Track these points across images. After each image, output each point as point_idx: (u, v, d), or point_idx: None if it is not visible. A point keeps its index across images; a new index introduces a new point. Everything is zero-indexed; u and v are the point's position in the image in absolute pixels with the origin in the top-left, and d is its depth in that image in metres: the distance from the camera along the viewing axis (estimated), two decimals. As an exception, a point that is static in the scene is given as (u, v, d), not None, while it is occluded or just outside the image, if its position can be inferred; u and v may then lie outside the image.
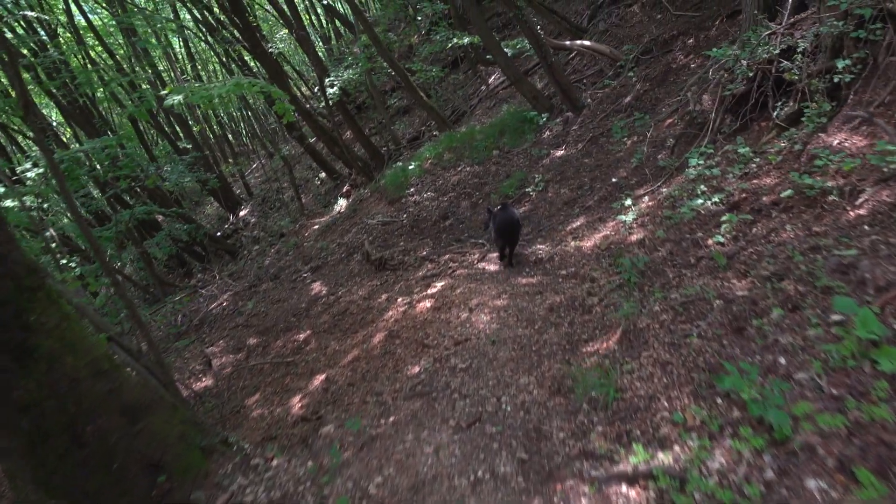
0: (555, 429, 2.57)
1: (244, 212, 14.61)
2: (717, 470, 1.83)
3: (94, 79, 10.27)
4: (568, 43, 9.00)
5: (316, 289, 7.19)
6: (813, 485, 1.63)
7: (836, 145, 3.41)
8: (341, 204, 10.45)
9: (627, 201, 4.96)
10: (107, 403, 2.63)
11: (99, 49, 13.64)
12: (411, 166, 8.86)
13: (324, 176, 13.22)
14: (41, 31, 10.85)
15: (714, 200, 3.89)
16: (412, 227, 7.41)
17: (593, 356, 3.05)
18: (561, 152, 7.40)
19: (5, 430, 2.41)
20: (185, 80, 14.01)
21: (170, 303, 9.72)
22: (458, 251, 6.24)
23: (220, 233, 13.22)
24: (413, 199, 8.11)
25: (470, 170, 8.10)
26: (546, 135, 8.01)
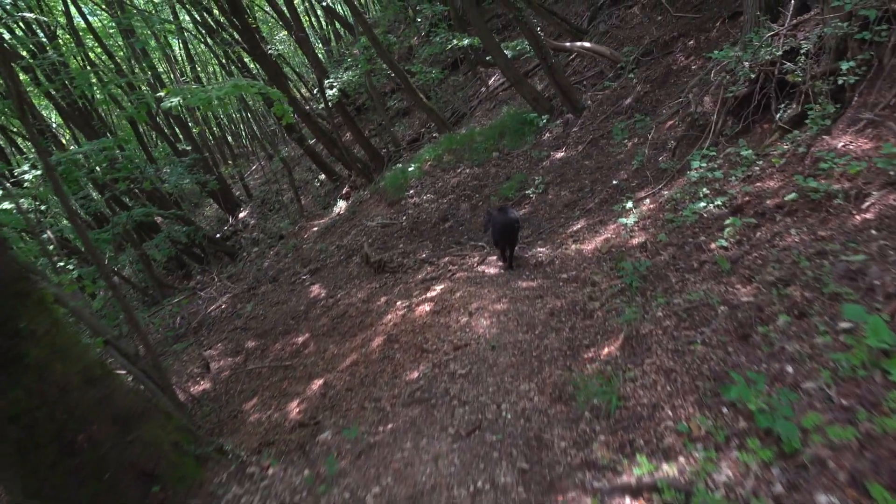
0: (556, 437, 2.52)
1: (243, 213, 14.57)
2: (723, 483, 1.78)
3: (92, 80, 10.23)
4: (568, 44, 8.97)
5: (315, 291, 7.14)
6: (824, 500, 1.58)
7: (840, 148, 3.36)
8: (341, 206, 10.41)
9: (628, 204, 4.91)
10: (99, 411, 2.58)
11: (98, 51, 13.62)
12: (411, 168, 8.82)
13: (323, 178, 13.18)
14: (40, 33, 10.82)
15: (717, 203, 3.84)
16: (412, 229, 7.36)
17: (595, 362, 3.00)
18: (561, 154, 7.35)
19: (-6, 439, 2.36)
20: (184, 81, 14.00)
21: (168, 305, 9.68)
22: (457, 254, 6.19)
23: (219, 235, 13.18)
24: (412, 201, 8.06)
25: (470, 172, 8.05)
26: (546, 136, 7.96)
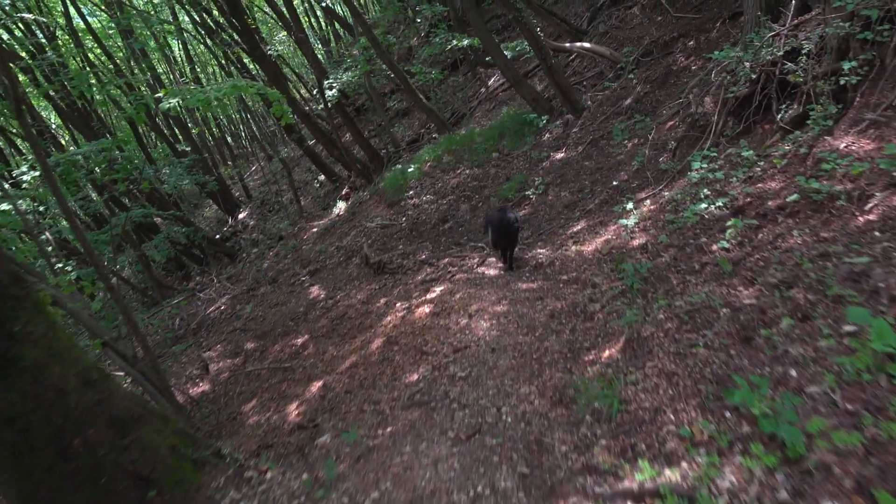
0: (557, 441, 2.49)
1: (243, 214, 14.55)
2: (727, 489, 1.75)
3: (91, 81, 10.21)
4: (568, 45, 8.96)
5: (314, 292, 7.11)
6: (829, 507, 1.55)
7: (843, 149, 3.33)
8: (340, 207, 10.39)
9: (629, 205, 4.88)
10: (95, 415, 2.56)
11: (98, 52, 13.61)
12: (410, 169, 8.80)
13: (323, 178, 13.16)
14: (39, 34, 10.81)
15: (718, 204, 3.82)
16: (411, 230, 7.34)
17: (596, 365, 2.97)
18: (561, 155, 7.33)
19: (-11, 442, 2.34)
20: (184, 82, 13.98)
21: (168, 306, 9.66)
22: (457, 255, 6.16)
23: (218, 236, 13.16)
24: (412, 201, 8.04)
25: (469, 172, 8.03)
26: (546, 137, 7.94)
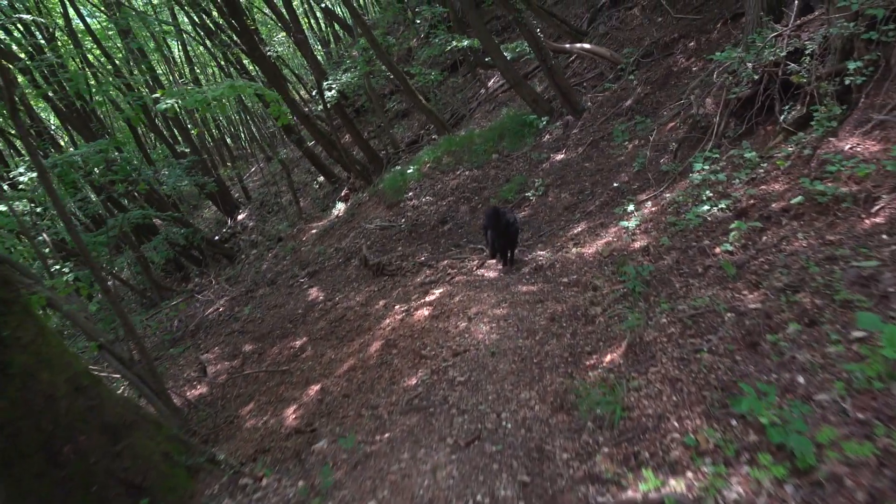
0: (558, 449, 2.44)
1: (242, 216, 14.51)
2: (734, 501, 1.70)
3: (90, 81, 10.17)
4: (568, 46, 8.92)
5: (313, 294, 7.06)
6: (840, 520, 1.50)
7: (848, 150, 3.29)
8: (339, 208, 10.35)
9: (630, 206, 4.83)
10: (86, 421, 2.51)
11: (97, 52, 13.57)
12: (410, 170, 8.75)
13: (322, 180, 13.12)
14: (38, 35, 10.77)
15: (720, 206, 3.77)
16: (410, 231, 7.29)
17: (597, 370, 2.92)
18: (561, 156, 7.29)
19: (-24, 450, 2.28)
20: (183, 83, 13.95)
21: (166, 307, 9.61)
22: (456, 257, 6.11)
23: (217, 237, 13.11)
24: (412, 203, 7.99)
25: (469, 174, 7.99)
26: (546, 138, 7.90)
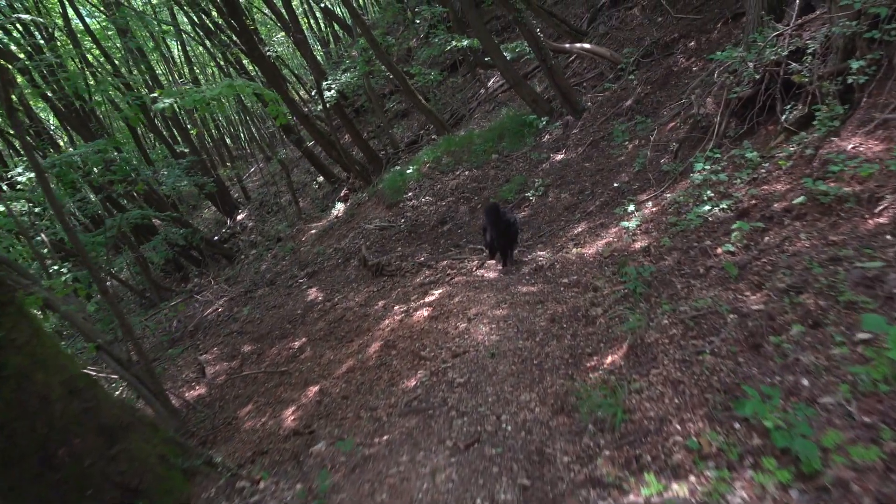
0: (558, 451, 2.41)
1: (241, 216, 14.48)
2: (738, 506, 1.68)
3: (89, 81, 10.14)
4: (568, 46, 8.90)
5: (312, 295, 7.04)
6: (847, 525, 1.47)
7: (850, 150, 3.26)
8: (339, 208, 10.32)
9: (630, 207, 4.81)
10: (82, 423, 2.48)
11: (97, 52, 13.54)
12: (409, 170, 8.73)
13: (321, 180, 13.10)
14: (37, 35, 10.74)
15: (722, 207, 3.74)
16: (410, 232, 7.27)
17: (598, 372, 2.89)
18: (561, 156, 7.26)
19: (-31, 454, 2.25)
20: (182, 83, 13.93)
21: (165, 308, 9.58)
22: (456, 257, 6.09)
23: (216, 237, 13.09)
24: (411, 203, 7.97)
25: (469, 174, 7.96)
26: (546, 138, 7.87)
